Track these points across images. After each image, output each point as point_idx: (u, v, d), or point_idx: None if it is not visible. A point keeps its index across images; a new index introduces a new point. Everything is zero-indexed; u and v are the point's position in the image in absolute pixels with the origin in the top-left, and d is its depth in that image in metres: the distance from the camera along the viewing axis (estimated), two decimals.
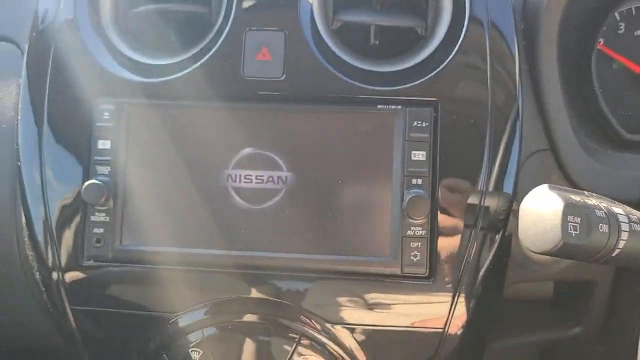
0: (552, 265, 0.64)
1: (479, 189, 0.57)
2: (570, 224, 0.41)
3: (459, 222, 0.57)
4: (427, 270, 0.56)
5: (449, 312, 0.57)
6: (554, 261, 0.63)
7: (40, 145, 0.59)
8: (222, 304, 0.57)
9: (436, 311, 0.57)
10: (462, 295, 0.57)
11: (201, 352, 0.57)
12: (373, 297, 0.57)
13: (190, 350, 0.57)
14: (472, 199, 0.57)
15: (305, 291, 0.57)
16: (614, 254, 0.43)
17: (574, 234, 0.41)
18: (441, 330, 0.57)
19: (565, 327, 0.72)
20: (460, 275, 0.57)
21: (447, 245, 0.56)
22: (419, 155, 0.56)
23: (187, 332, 0.57)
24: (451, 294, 0.57)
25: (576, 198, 0.42)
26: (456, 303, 0.57)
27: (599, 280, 0.66)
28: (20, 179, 0.60)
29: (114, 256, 0.58)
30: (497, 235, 0.59)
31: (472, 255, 0.57)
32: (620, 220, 0.44)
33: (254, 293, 0.57)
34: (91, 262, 0.58)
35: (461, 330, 0.58)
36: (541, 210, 0.42)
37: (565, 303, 0.73)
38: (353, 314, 0.57)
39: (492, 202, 0.57)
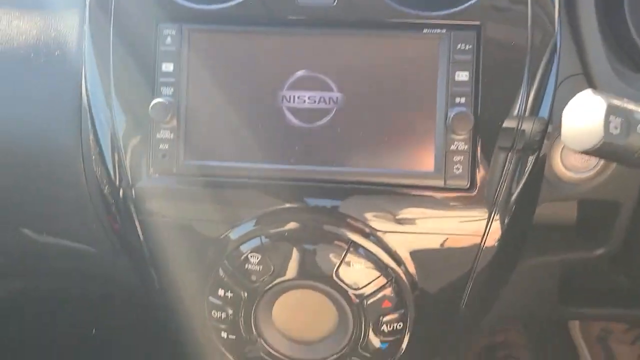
0: (581, 184, 0.68)
1: (516, 111, 0.61)
2: (611, 123, 0.46)
3: (498, 141, 0.61)
4: (469, 183, 0.61)
5: (487, 224, 0.62)
6: (584, 180, 0.68)
7: (107, 70, 0.64)
8: (277, 212, 0.62)
9: (475, 223, 0.62)
10: (499, 209, 0.62)
11: (259, 257, 0.62)
12: (418, 207, 0.62)
13: (249, 255, 0.62)
14: (510, 121, 0.61)
15: (355, 201, 0.62)
16: None
17: (614, 133, 0.46)
18: (479, 241, 0.62)
19: (587, 249, 0.77)
20: (498, 191, 0.61)
21: (486, 161, 0.61)
22: (463, 76, 0.60)
23: (246, 239, 0.63)
24: (489, 208, 0.62)
25: (618, 101, 0.47)
26: (493, 216, 0.62)
27: (624, 201, 0.71)
28: (89, 101, 0.64)
29: (178, 170, 0.63)
30: (531, 156, 0.63)
31: (509, 173, 0.62)
32: None
33: (307, 203, 0.62)
34: (157, 176, 0.63)
35: (497, 242, 0.63)
36: (585, 111, 0.46)
37: (589, 227, 0.78)
38: (399, 222, 0.62)
39: (528, 125, 0.61)
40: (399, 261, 0.62)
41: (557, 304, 0.91)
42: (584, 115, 0.46)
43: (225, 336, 0.66)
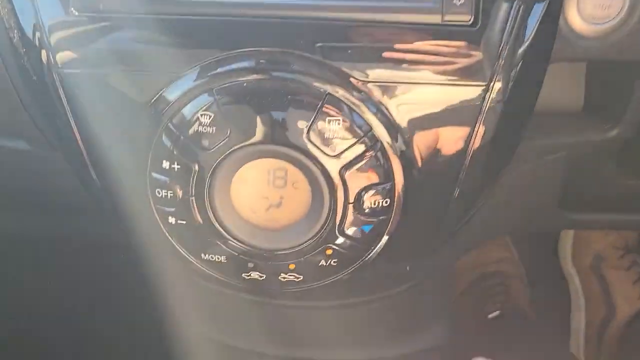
0: (600, 39, 0.57)
1: None
2: None
3: None
4: (472, 17, 0.49)
5: (492, 73, 0.51)
6: (604, 33, 0.57)
7: None
8: (231, 58, 0.50)
9: (479, 67, 0.50)
10: (507, 54, 0.50)
11: (212, 116, 0.49)
12: (410, 49, 0.49)
13: (199, 114, 0.50)
14: None
15: (331, 43, 0.50)
16: None
17: None
18: (482, 94, 0.51)
19: (598, 130, 0.66)
20: (508, 29, 0.50)
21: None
22: None
23: (194, 94, 0.50)
24: (496, 50, 0.50)
25: None
26: (501, 61, 0.50)
27: None
28: None
29: (104, 6, 0.49)
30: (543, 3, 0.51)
31: (518, 17, 0.50)
32: None
33: (269, 44, 0.49)
34: (78, 14, 0.50)
35: (502, 95, 0.51)
36: None
37: (602, 107, 0.67)
38: (386, 70, 0.50)
39: None
40: (385, 121, 0.51)
41: (558, 208, 0.82)
42: None
43: (174, 221, 0.53)
